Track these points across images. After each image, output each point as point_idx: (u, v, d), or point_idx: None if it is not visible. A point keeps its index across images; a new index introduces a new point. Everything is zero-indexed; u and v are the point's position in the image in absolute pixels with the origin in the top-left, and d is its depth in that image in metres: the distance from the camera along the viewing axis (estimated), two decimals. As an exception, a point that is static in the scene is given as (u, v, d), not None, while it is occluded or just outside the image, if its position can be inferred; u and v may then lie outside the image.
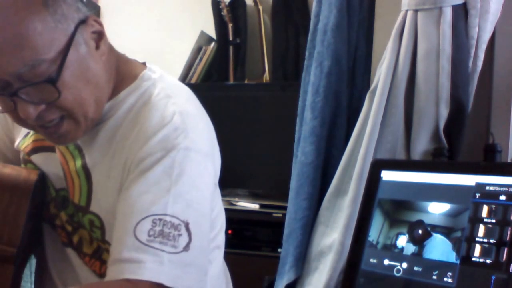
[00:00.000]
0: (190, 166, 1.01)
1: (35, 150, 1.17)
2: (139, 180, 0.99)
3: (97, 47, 1.03)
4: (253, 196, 2.30)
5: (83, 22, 1.00)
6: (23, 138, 1.19)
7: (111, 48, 1.09)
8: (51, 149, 1.14)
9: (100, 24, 1.04)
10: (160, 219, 0.95)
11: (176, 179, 0.98)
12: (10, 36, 0.93)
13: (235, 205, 2.23)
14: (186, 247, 0.96)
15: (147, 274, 0.92)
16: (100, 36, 1.03)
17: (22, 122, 1.01)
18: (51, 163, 1.15)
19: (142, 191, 0.98)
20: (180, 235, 0.96)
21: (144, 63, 1.15)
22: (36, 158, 1.17)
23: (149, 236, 0.94)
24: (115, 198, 1.04)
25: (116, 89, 1.09)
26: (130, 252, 0.94)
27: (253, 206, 2.21)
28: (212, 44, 2.61)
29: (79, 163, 1.10)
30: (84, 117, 1.02)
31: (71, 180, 1.12)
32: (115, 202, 1.03)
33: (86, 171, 1.10)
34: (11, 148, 1.25)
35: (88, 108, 1.01)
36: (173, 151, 1.00)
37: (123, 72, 1.10)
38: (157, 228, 0.95)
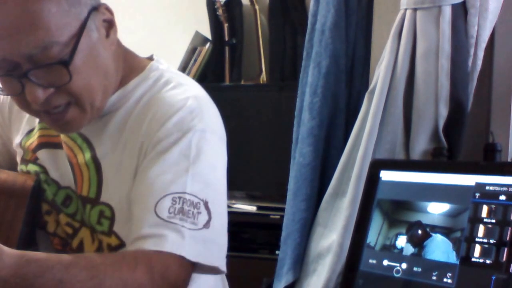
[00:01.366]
0: (207, 147, 1.02)
1: (41, 145, 1.16)
2: (157, 162, 1.00)
3: (107, 35, 1.03)
4: (250, 198, 2.29)
5: (95, 9, 1.01)
6: (26, 136, 1.19)
7: (118, 41, 1.09)
8: (58, 146, 1.14)
9: (111, 13, 1.04)
10: (179, 197, 0.96)
11: (194, 160, 1.00)
12: (23, 16, 0.92)
13: (232, 207, 2.23)
14: (206, 225, 0.97)
15: (169, 246, 0.92)
16: (110, 24, 1.04)
17: (27, 106, 1.01)
18: (57, 159, 1.15)
19: (161, 171, 0.99)
20: (199, 213, 0.97)
21: (151, 57, 1.16)
22: (42, 154, 1.16)
23: (169, 213, 0.95)
24: (128, 185, 1.04)
25: (124, 80, 1.10)
26: (151, 228, 0.94)
27: (251, 208, 2.21)
28: (207, 45, 2.60)
29: (88, 155, 1.10)
30: (91, 105, 1.02)
31: (79, 173, 1.11)
32: (129, 190, 1.04)
33: (96, 163, 1.10)
34: (2, 151, 1.25)
35: (95, 95, 1.02)
36: (190, 133, 1.01)
37: (131, 64, 1.12)
38: (177, 206, 0.96)
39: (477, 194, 0.99)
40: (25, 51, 0.93)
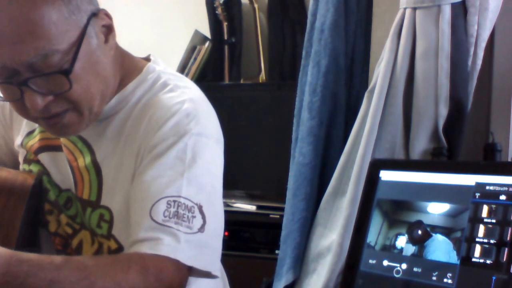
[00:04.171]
0: (203, 150, 1.02)
1: (42, 149, 1.17)
2: (153, 165, 1.00)
3: (106, 40, 1.03)
4: (250, 197, 2.29)
5: (94, 15, 1.00)
6: (27, 137, 1.19)
7: (116, 44, 1.09)
8: (58, 149, 1.14)
9: (110, 18, 1.04)
10: (174, 201, 0.96)
11: (190, 164, 1.00)
12: (24, 24, 0.92)
13: (232, 206, 2.22)
14: (201, 229, 0.96)
15: (165, 249, 0.92)
16: (109, 30, 1.04)
17: (25, 113, 1.01)
18: (58, 162, 1.15)
19: (156, 175, 0.99)
20: (194, 217, 0.96)
21: (148, 57, 1.16)
22: (43, 157, 1.16)
23: (164, 216, 0.95)
24: (127, 189, 1.04)
25: (122, 83, 1.10)
26: (147, 232, 0.94)
27: (250, 207, 2.20)
28: (207, 44, 2.59)
29: (88, 159, 1.10)
30: (89, 110, 1.02)
31: (80, 176, 1.12)
32: (127, 194, 1.04)
33: (96, 166, 1.10)
34: (5, 151, 1.24)
35: (94, 101, 1.02)
36: (186, 136, 1.01)
37: (129, 66, 1.11)
38: (172, 209, 0.96)
39: (477, 194, 0.98)
40: (26, 59, 0.92)
